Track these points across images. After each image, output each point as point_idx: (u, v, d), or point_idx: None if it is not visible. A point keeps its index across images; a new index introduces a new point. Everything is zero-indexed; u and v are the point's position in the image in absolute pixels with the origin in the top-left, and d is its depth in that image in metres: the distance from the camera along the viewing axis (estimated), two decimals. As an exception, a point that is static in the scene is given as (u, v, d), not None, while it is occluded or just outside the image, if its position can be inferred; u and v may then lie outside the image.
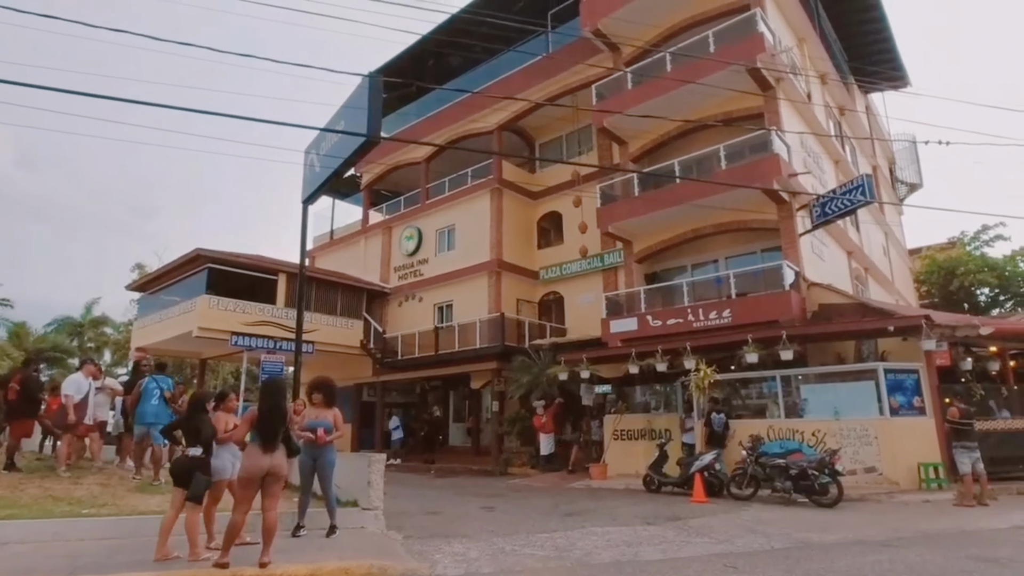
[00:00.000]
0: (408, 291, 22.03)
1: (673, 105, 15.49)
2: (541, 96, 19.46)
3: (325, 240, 26.42)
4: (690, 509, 9.38)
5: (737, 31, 14.96)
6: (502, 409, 18.18)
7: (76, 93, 5.98)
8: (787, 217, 14.37)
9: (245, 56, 7.08)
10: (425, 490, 12.75)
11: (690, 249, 16.51)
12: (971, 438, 9.37)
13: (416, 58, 22.57)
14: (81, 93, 5.96)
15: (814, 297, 13.98)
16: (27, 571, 4.80)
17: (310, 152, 11.71)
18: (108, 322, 31.89)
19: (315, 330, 19.17)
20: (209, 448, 5.51)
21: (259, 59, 7.05)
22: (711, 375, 12.02)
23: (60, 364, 27.23)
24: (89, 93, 5.90)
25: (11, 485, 8.00)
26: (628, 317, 15.64)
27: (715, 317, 13.92)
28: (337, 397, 7.06)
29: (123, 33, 6.32)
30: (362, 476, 7.49)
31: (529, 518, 8.72)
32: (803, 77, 17.00)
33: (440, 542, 6.75)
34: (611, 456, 14.32)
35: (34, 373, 10.13)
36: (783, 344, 11.79)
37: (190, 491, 5.32)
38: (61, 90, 5.96)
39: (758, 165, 14.16)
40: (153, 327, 20.18)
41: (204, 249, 18.15)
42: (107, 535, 6.02)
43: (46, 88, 5.99)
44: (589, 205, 17.83)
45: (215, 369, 29.86)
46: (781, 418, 12.05)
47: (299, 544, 6.14)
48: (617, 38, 17.69)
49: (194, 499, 5.33)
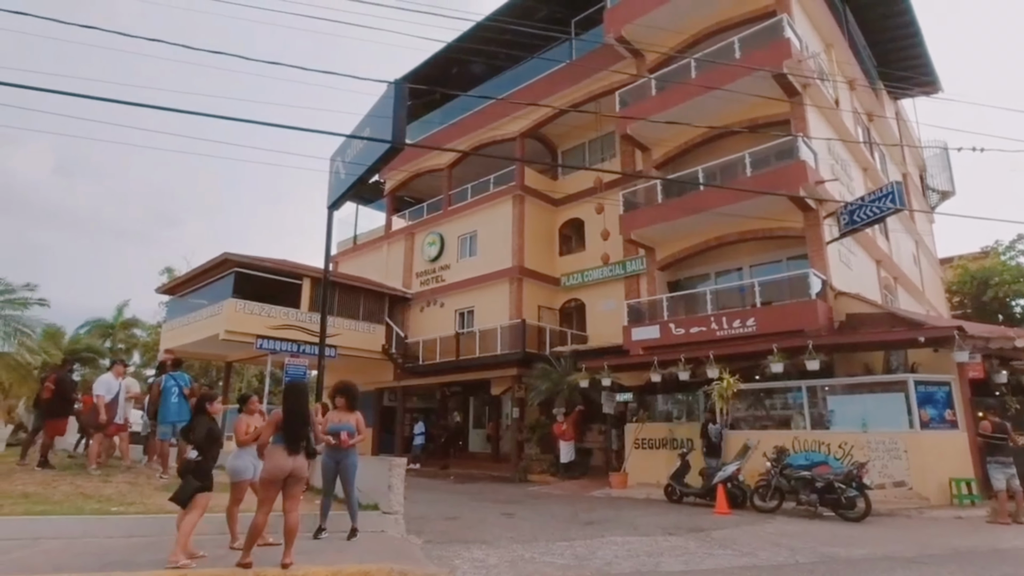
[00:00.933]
0: (430, 297, 22.16)
1: (697, 111, 15.39)
2: (564, 103, 19.49)
3: (349, 245, 26.73)
4: (712, 520, 9.25)
5: (763, 37, 14.82)
6: (522, 416, 18.14)
7: (110, 100, 6.17)
8: (814, 225, 14.15)
9: (273, 64, 7.23)
10: (444, 495, 12.77)
11: (714, 257, 16.33)
12: (1005, 453, 9.07)
13: (440, 66, 22.78)
14: (116, 101, 6.14)
15: (841, 306, 13.71)
16: (58, 567, 4.92)
17: (336, 159, 11.89)
18: (138, 324, 32.65)
19: (338, 334, 19.38)
20: (203, 451, 5.45)
21: (286, 66, 7.21)
22: (734, 384, 11.86)
23: (92, 364, 27.94)
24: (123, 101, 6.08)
25: (44, 482, 8.23)
26: (650, 325, 15.52)
27: (739, 326, 13.74)
28: (359, 401, 7.12)
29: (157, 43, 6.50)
30: (383, 480, 7.55)
31: (549, 526, 8.68)
32: (831, 83, 16.75)
33: (459, 547, 6.76)
34: (632, 465, 14.19)
35: (68, 373, 10.43)
36: (809, 354, 11.59)
37: (175, 493, 5.31)
38: (95, 97, 6.15)
39: (784, 172, 13.97)
40: (181, 330, 20.59)
41: (231, 253, 18.49)
42: (135, 533, 6.15)
43: (81, 96, 6.19)
44: (611, 212, 17.77)
45: (240, 372, 30.36)
46: (807, 429, 11.83)
47: (320, 546, 6.20)
48: (641, 44, 17.65)
49: (176, 501, 5.26)
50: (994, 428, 9.22)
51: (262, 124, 6.56)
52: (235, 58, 6.99)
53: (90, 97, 5.94)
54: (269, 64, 6.95)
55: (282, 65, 7.16)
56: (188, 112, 6.28)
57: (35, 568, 4.85)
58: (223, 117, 6.46)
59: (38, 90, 5.48)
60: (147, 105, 6.21)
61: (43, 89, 5.67)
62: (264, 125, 6.53)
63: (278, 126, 6.80)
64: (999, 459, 9.01)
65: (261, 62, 7.22)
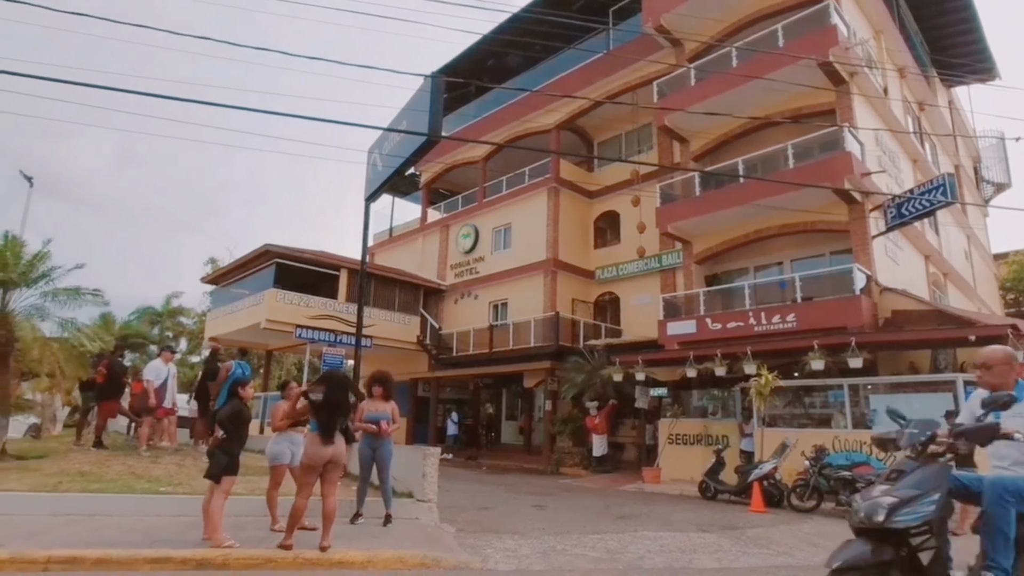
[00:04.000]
0: (464, 289, 22.31)
1: (738, 102, 15.04)
2: (601, 94, 19.29)
3: (385, 237, 27.11)
4: (747, 519, 9.11)
5: (808, 24, 14.36)
6: (555, 409, 18.16)
7: (167, 97, 6.39)
8: (859, 218, 13.70)
9: (314, 59, 7.37)
10: (477, 486, 12.90)
11: (753, 251, 15.98)
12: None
13: (476, 58, 22.82)
14: (166, 97, 6.36)
15: (886, 303, 13.26)
16: (111, 542, 5.18)
17: (373, 152, 12.04)
18: (185, 312, 33.82)
19: (373, 325, 19.70)
20: (226, 429, 5.56)
21: (327, 61, 7.33)
22: (773, 381, 11.61)
23: (142, 350, 29.08)
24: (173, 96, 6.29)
25: (98, 462, 8.65)
26: (686, 320, 15.31)
27: (778, 321, 13.44)
28: (395, 390, 7.25)
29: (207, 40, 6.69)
30: (417, 469, 7.67)
31: (580, 518, 8.69)
32: (879, 71, 16.14)
33: (491, 537, 6.83)
34: (665, 460, 14.08)
35: (119, 358, 10.91)
36: (852, 351, 11.27)
37: (207, 470, 5.49)
38: (150, 94, 6.38)
39: (828, 163, 13.55)
40: (224, 318, 21.26)
41: (272, 245, 18.97)
42: (181, 512, 6.41)
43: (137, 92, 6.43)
44: (648, 205, 17.55)
45: (280, 360, 31.17)
46: (848, 429, 11.52)
47: (356, 531, 6.35)
48: (680, 34, 17.31)
49: (210, 477, 5.44)
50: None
51: (302, 118, 6.73)
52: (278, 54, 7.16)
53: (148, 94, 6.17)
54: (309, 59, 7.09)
55: (322, 60, 7.30)
56: (238, 108, 6.48)
57: (90, 543, 5.10)
58: (269, 112, 6.63)
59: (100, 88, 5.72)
60: (199, 101, 6.41)
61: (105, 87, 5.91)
62: (304, 119, 6.68)
63: (318, 120, 6.94)
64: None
65: (302, 57, 7.37)
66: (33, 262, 10.02)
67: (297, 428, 6.20)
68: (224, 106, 6.45)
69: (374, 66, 9.44)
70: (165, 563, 4.86)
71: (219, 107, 6.49)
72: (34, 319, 9.96)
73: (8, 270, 9.60)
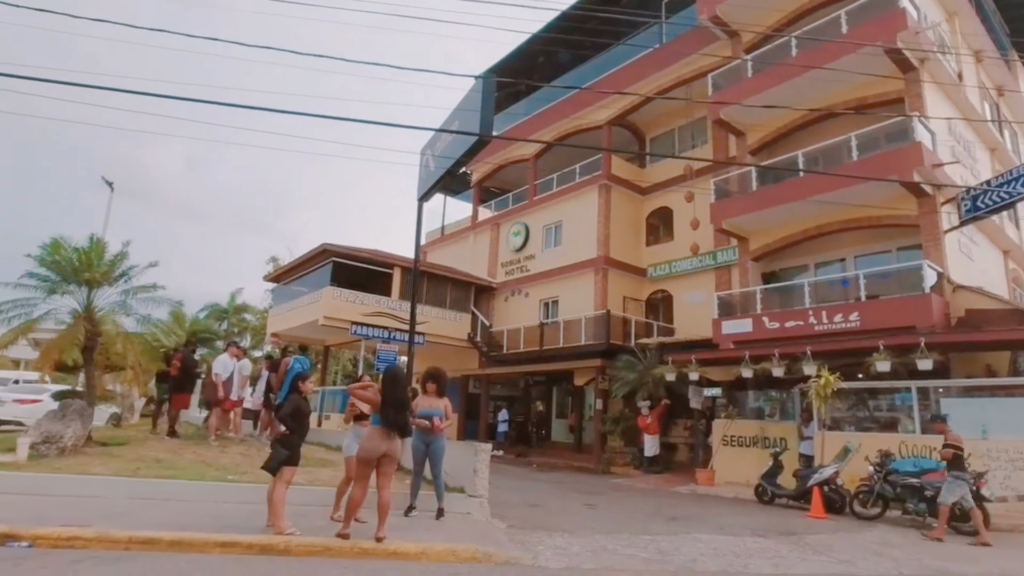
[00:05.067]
0: (514, 286, 22.43)
1: (798, 93, 14.53)
2: (653, 89, 18.98)
3: (437, 236, 27.54)
4: (806, 524, 8.82)
5: (874, 8, 13.70)
6: (605, 407, 18.04)
7: (234, 105, 6.74)
8: (929, 212, 13.00)
9: (371, 64, 7.59)
10: (527, 483, 12.98)
11: (813, 247, 15.40)
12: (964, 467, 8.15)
13: (526, 56, 22.84)
14: (233, 104, 6.71)
15: (960, 301, 12.54)
16: (184, 525, 5.52)
17: (425, 152, 12.27)
18: (248, 309, 35.33)
19: (425, 322, 20.08)
20: (288, 424, 5.75)
21: (381, 66, 7.54)
22: (834, 383, 11.16)
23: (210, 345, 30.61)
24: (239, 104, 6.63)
25: (172, 450, 9.21)
26: (742, 318, 14.90)
27: (841, 320, 12.91)
28: (448, 387, 7.40)
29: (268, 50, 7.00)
30: (468, 464, 7.80)
31: (631, 518, 8.63)
32: (953, 56, 15.22)
33: (542, 534, 6.88)
34: (719, 462, 13.77)
35: (191, 352, 11.54)
36: (921, 352, 10.72)
37: (265, 462, 5.69)
38: (215, 103, 6.74)
39: (896, 155, 12.91)
40: (285, 315, 22.12)
41: (329, 244, 19.61)
42: (247, 500, 6.76)
43: (206, 102, 6.81)
44: (702, 201, 17.17)
45: (336, 356, 32.16)
46: (916, 434, 10.97)
47: (410, 523, 6.53)
48: (737, 24, 16.83)
49: (267, 469, 5.64)
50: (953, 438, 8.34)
51: (358, 121, 6.95)
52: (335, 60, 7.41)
53: (218, 103, 6.53)
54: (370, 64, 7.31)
55: (377, 65, 7.52)
56: (298, 113, 6.75)
57: (166, 525, 5.46)
58: (328, 116, 6.88)
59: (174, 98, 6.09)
60: (266, 108, 6.73)
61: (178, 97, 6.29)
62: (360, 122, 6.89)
63: (372, 123, 7.16)
64: (958, 473, 8.12)
65: (359, 63, 7.60)
66: (114, 262, 10.72)
67: (363, 422, 6.35)
68: (286, 112, 6.75)
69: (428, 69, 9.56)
70: (233, 547, 5.14)
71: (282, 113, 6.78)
72: (116, 315, 10.66)
73: (93, 270, 10.31)
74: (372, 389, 5.95)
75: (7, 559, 4.54)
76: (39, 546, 4.90)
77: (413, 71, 7.75)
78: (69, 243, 10.38)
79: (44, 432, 8.26)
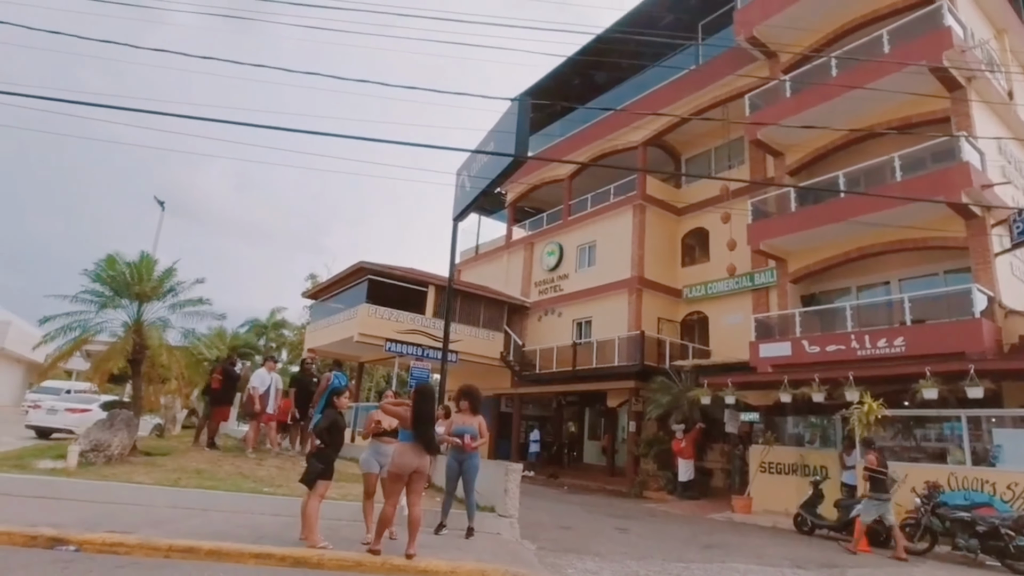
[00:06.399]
0: (548, 306, 22.42)
1: (837, 113, 14.28)
2: (689, 109, 18.93)
3: (471, 255, 27.81)
4: (849, 558, 8.49)
5: (918, 27, 13.44)
6: (639, 430, 17.76)
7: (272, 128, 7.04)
8: (979, 234, 12.54)
9: (410, 88, 7.83)
10: (557, 504, 12.84)
11: (855, 269, 14.99)
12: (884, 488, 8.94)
13: (562, 78, 23.08)
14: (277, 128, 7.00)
15: (1013, 327, 12.00)
16: (221, 535, 5.66)
17: (461, 172, 12.48)
18: (286, 325, 36.23)
19: (459, 340, 20.18)
20: (325, 440, 5.81)
21: (421, 90, 7.75)
22: (878, 410, 10.77)
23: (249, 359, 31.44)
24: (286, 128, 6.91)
25: (212, 461, 9.46)
26: (780, 341, 14.55)
27: (884, 345, 12.49)
28: (482, 405, 7.41)
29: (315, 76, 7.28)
30: (499, 484, 7.79)
31: (665, 544, 8.45)
32: (1003, 73, 14.78)
33: (572, 557, 6.80)
34: (756, 490, 13.37)
35: (232, 366, 11.88)
36: (971, 380, 10.25)
37: (302, 475, 5.79)
38: (262, 126, 7.04)
39: (943, 175, 12.54)
40: (322, 331, 22.59)
41: (366, 262, 20.02)
42: (282, 512, 6.88)
43: (250, 125, 7.13)
44: (738, 222, 16.94)
45: (371, 372, 32.60)
46: (966, 465, 10.45)
47: (440, 541, 6.54)
48: (775, 45, 16.71)
49: (304, 482, 5.73)
50: (877, 462, 9.05)
51: (397, 143, 7.15)
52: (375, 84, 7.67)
53: (264, 126, 6.82)
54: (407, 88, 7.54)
55: (416, 88, 7.74)
56: (342, 136, 7.00)
57: (205, 535, 5.61)
58: (368, 139, 7.11)
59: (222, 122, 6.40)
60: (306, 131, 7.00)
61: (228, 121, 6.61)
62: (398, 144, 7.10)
63: (411, 144, 7.37)
64: (877, 495, 8.94)
65: (398, 87, 7.84)
66: (163, 277, 11.18)
67: (384, 438, 6.29)
68: (329, 135, 7.00)
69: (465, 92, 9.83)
70: (267, 559, 5.24)
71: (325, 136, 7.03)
72: (162, 329, 11.08)
73: (143, 284, 10.77)
74: (404, 406, 6.01)
75: (56, 562, 4.74)
76: (85, 550, 5.09)
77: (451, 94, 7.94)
78: (123, 259, 10.88)
79: (93, 440, 8.60)
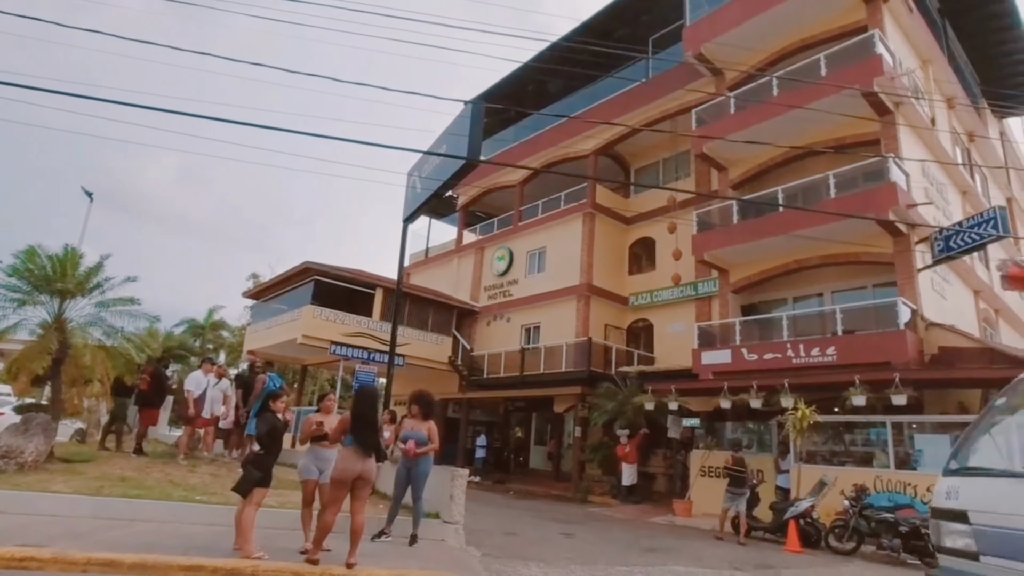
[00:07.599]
0: (497, 311, 22.39)
1: (778, 131, 14.90)
2: (639, 121, 19.37)
3: (420, 258, 27.49)
4: (782, 558, 8.80)
5: (852, 53, 14.21)
6: (584, 435, 17.94)
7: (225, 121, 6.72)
8: (904, 251, 13.33)
9: (360, 85, 7.65)
10: (503, 510, 12.79)
11: (792, 281, 15.66)
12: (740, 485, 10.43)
13: (517, 83, 23.20)
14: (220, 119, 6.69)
15: (933, 339, 12.79)
16: (149, 546, 5.32)
17: (412, 173, 12.32)
18: (225, 326, 34.76)
19: (406, 344, 19.90)
20: (264, 445, 5.63)
21: (372, 87, 7.59)
22: (811, 416, 11.26)
23: (184, 361, 29.97)
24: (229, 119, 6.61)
25: (139, 468, 8.91)
26: (721, 349, 15.03)
27: (818, 354, 13.08)
28: (434, 410, 7.26)
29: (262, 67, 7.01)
30: (445, 490, 7.66)
31: (609, 549, 8.53)
32: (927, 101, 15.80)
33: (518, 564, 6.76)
34: (697, 493, 13.71)
35: (163, 367, 11.26)
36: (895, 388, 10.87)
37: (236, 484, 5.51)
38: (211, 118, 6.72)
39: (873, 194, 13.27)
40: (263, 333, 21.79)
41: (312, 262, 19.46)
42: (215, 522, 6.53)
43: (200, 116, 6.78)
44: (684, 232, 17.42)
45: (314, 375, 31.68)
46: (890, 469, 11.05)
47: (383, 549, 6.37)
48: (721, 63, 17.32)
49: (238, 491, 5.45)
50: (735, 462, 10.66)
51: (347, 141, 6.97)
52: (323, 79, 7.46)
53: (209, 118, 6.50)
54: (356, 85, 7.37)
55: (367, 86, 7.58)
56: (289, 131, 6.75)
57: (131, 547, 5.25)
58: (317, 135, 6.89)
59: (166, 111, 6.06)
60: (255, 124, 6.72)
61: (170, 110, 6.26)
62: (348, 142, 6.91)
63: (361, 143, 7.18)
64: (734, 490, 10.48)
65: (348, 83, 7.65)
66: (89, 273, 10.50)
67: (323, 443, 6.04)
68: (275, 129, 6.74)
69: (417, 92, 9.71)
70: (198, 571, 4.95)
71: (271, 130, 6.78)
72: (87, 328, 10.39)
73: (66, 280, 10.08)
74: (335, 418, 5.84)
75: (-44, 579, 4.34)
76: (-9, 566, 4.68)
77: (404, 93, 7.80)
78: (45, 252, 10.16)
79: (4, 446, 7.94)
